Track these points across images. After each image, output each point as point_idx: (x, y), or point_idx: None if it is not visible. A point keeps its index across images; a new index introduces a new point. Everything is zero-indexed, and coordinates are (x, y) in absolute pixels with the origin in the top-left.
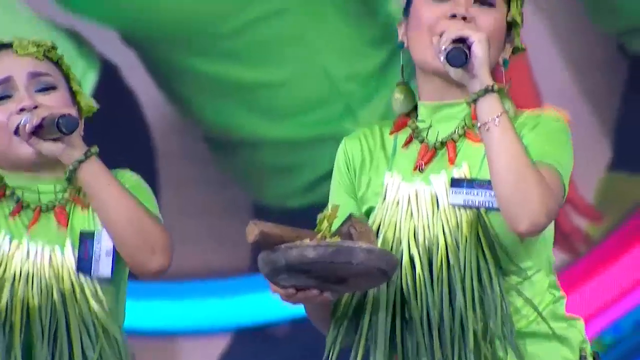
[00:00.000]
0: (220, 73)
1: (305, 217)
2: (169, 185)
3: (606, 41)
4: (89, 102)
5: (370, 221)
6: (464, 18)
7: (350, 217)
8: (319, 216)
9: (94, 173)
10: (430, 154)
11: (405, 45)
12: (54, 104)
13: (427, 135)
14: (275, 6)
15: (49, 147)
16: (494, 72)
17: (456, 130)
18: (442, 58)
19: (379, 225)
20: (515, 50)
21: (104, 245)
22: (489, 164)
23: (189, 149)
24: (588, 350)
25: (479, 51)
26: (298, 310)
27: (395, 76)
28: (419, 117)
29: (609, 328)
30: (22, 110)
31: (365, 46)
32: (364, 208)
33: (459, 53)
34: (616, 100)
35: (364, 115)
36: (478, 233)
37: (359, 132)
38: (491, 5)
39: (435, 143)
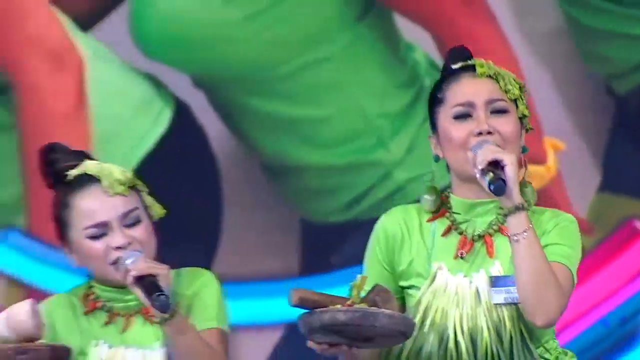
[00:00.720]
0: (275, 110)
1: (343, 230)
2: (233, 206)
3: (597, 84)
4: (158, 209)
5: (414, 300)
6: (489, 132)
7: (376, 286)
8: (350, 284)
9: (177, 330)
10: (470, 245)
11: (441, 156)
12: (140, 236)
13: (465, 228)
14: (321, 56)
15: (141, 297)
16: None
17: (492, 226)
18: (477, 174)
19: (426, 307)
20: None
21: None
22: (515, 268)
23: (248, 175)
24: None
25: (511, 173)
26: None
27: (418, 114)
28: (454, 209)
29: (599, 323)
30: (118, 248)
31: (395, 88)
32: (404, 283)
33: (501, 185)
34: (604, 134)
35: (393, 145)
36: (521, 328)
37: (397, 212)
38: (505, 111)
39: (473, 236)
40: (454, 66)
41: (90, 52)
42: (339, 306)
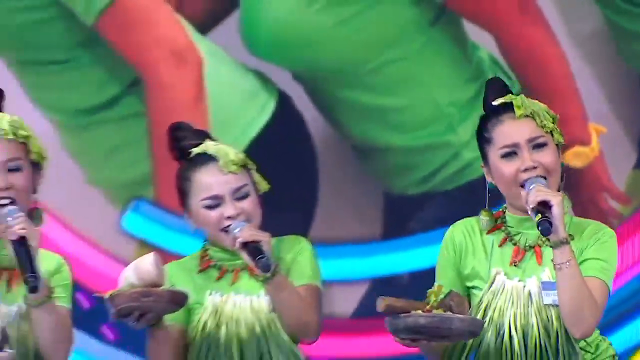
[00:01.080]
0: (362, 101)
1: (420, 200)
2: (327, 181)
3: (631, 74)
4: (264, 184)
5: (477, 300)
6: (534, 167)
7: (450, 292)
8: (428, 292)
9: (277, 287)
10: (522, 254)
11: (494, 182)
12: (248, 207)
13: (518, 239)
14: (400, 55)
15: (246, 259)
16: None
17: (540, 238)
18: (529, 211)
19: (486, 306)
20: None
21: None
22: (557, 289)
23: (340, 155)
24: None
25: (557, 212)
26: (415, 265)
27: (482, 104)
28: (508, 223)
29: (632, 281)
30: (229, 217)
31: (462, 82)
32: (469, 284)
33: (547, 228)
34: (639, 120)
35: (461, 130)
36: (565, 327)
37: (462, 224)
38: (544, 145)
39: (525, 246)
40: (495, 103)
41: (207, 51)
42: (419, 311)
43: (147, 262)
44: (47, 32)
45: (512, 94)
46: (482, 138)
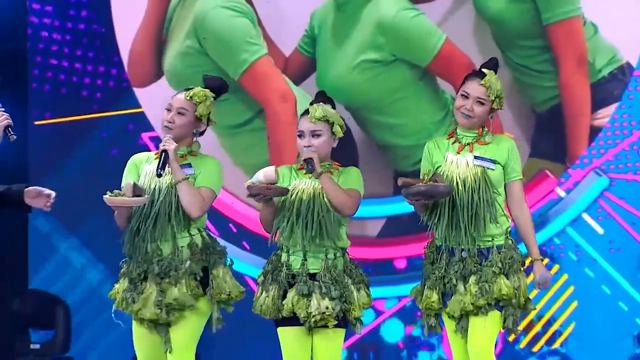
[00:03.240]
0: (381, 120)
1: (414, 174)
2: (362, 163)
3: (525, 104)
4: (339, 133)
5: (440, 169)
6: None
7: (434, 173)
8: (422, 174)
9: (322, 182)
10: (462, 147)
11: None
12: (318, 143)
13: (461, 139)
14: (402, 95)
15: (304, 165)
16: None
17: (474, 140)
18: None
19: (445, 171)
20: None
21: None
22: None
23: (369, 149)
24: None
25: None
26: (410, 209)
27: (446, 123)
28: (458, 134)
29: None
30: (306, 146)
31: (437, 110)
32: (435, 165)
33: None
34: (531, 131)
35: (435, 136)
36: (485, 177)
37: (434, 139)
38: (482, 103)
39: (466, 144)
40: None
41: (299, 94)
42: (420, 184)
43: (270, 170)
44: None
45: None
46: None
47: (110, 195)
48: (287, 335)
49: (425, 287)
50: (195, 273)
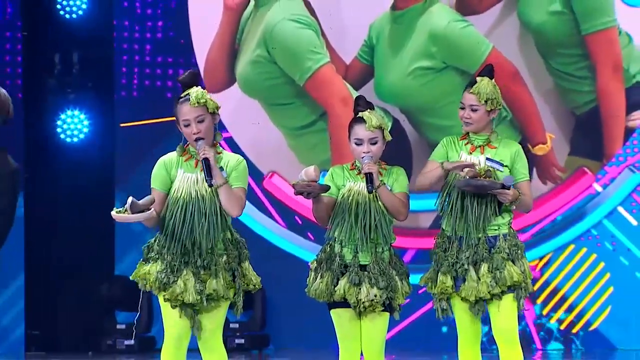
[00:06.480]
0: (432, 122)
1: None
2: (415, 158)
3: (566, 108)
4: (387, 136)
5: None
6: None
7: (487, 169)
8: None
9: (380, 194)
10: (474, 148)
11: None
12: (375, 149)
13: (473, 142)
14: (451, 100)
15: (363, 179)
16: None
17: (485, 143)
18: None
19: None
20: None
21: None
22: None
23: (421, 146)
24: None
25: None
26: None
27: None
28: (470, 137)
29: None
30: (365, 152)
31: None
32: (450, 160)
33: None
34: (570, 132)
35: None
36: (494, 176)
37: (450, 137)
38: (475, 109)
39: (478, 146)
40: None
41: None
42: (479, 178)
43: (311, 169)
44: (281, 89)
45: None
46: None
47: (116, 212)
48: (341, 316)
49: (439, 272)
50: (233, 268)
